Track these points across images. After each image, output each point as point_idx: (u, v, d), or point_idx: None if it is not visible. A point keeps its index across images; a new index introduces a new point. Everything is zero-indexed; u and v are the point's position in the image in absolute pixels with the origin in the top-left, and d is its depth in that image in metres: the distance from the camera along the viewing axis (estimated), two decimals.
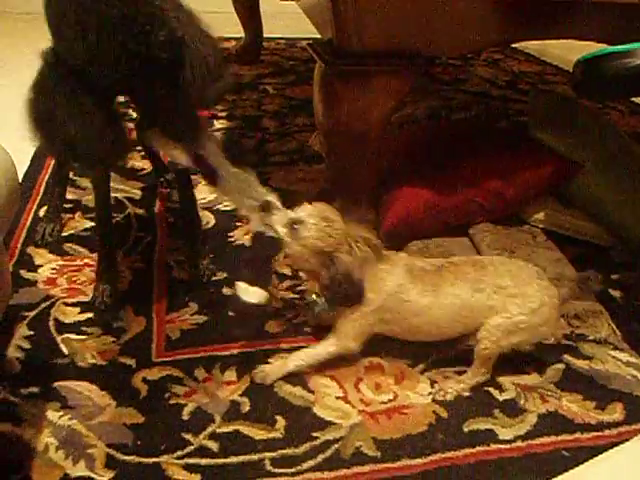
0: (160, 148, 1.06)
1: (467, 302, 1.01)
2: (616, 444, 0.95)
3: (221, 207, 1.54)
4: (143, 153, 1.70)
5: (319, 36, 1.42)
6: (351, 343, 1.05)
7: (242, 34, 2.63)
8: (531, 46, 2.93)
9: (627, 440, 0.96)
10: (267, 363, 1.07)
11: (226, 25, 1.94)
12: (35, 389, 1.00)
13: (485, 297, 1.01)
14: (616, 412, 1.02)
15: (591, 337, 1.17)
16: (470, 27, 1.20)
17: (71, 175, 1.54)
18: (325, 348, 1.05)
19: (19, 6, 3.26)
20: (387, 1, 1.13)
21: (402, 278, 1.02)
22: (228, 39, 2.74)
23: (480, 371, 1.04)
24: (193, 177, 1.28)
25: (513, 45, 2.91)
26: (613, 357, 1.13)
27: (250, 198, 1.01)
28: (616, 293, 1.29)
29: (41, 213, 1.46)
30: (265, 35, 2.62)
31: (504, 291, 1.01)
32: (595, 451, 0.93)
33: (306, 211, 1.01)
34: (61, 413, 0.96)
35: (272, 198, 1.02)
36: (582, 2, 1.19)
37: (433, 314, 1.02)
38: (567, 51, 2.51)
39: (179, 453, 0.91)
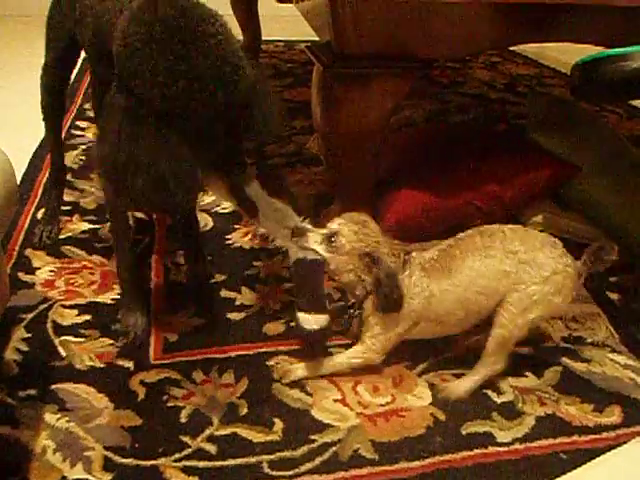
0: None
1: (481, 270, 1.00)
2: (614, 447, 0.95)
3: (219, 209, 1.54)
4: None
5: (317, 39, 1.42)
6: (375, 355, 1.04)
7: (240, 36, 2.64)
8: (529, 49, 2.94)
9: (625, 443, 0.96)
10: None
11: None
12: (33, 391, 1.00)
13: (498, 262, 0.99)
14: (614, 415, 1.02)
15: (589, 340, 1.17)
16: (468, 30, 1.20)
17: (69, 177, 1.53)
18: (349, 358, 1.05)
19: (18, 9, 3.27)
20: (385, 4, 1.13)
21: (419, 277, 1.01)
22: None
23: (491, 360, 1.02)
24: None
25: (511, 48, 2.91)
26: (611, 360, 1.13)
27: (286, 228, 1.03)
28: (614, 296, 1.29)
29: (39, 215, 1.46)
30: (263, 37, 2.62)
31: (515, 256, 0.99)
32: (593, 454, 0.93)
33: (338, 222, 1.02)
34: (59, 415, 0.96)
35: (304, 224, 1.04)
36: (581, 5, 1.19)
37: (454, 293, 1.01)
38: (565, 54, 2.52)
39: (177, 456, 0.91)
